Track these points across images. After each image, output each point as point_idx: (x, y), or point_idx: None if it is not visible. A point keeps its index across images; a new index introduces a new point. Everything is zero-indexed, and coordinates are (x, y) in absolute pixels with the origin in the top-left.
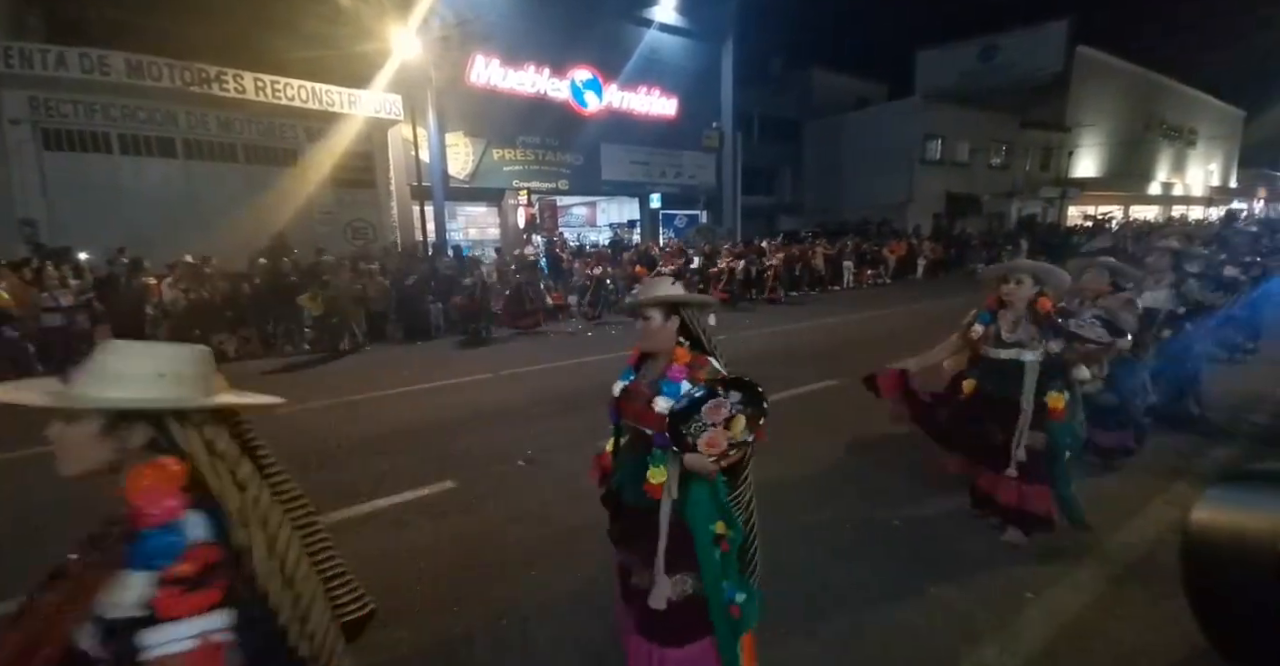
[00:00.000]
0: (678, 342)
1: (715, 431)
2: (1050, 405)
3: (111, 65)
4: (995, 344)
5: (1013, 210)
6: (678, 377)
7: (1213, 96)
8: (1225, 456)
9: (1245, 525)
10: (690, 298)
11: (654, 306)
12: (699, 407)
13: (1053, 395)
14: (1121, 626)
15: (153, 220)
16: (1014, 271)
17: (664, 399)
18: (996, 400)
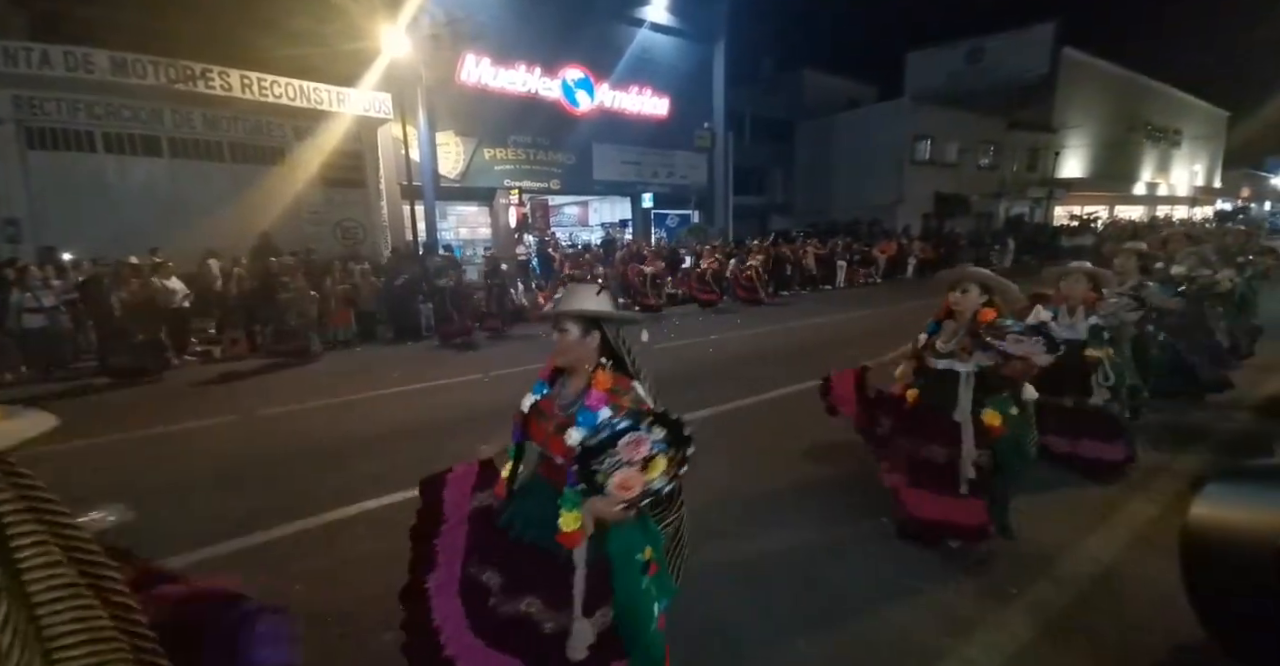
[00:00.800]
0: (599, 364)
1: (630, 472)
2: (987, 422)
3: (96, 63)
4: (934, 353)
5: (1000, 210)
6: (596, 405)
7: (1197, 97)
8: (1204, 459)
9: (1244, 521)
10: (612, 314)
11: (571, 320)
12: (616, 441)
13: (988, 412)
14: (1104, 621)
15: (138, 220)
16: (962, 280)
17: (578, 431)
18: (935, 412)
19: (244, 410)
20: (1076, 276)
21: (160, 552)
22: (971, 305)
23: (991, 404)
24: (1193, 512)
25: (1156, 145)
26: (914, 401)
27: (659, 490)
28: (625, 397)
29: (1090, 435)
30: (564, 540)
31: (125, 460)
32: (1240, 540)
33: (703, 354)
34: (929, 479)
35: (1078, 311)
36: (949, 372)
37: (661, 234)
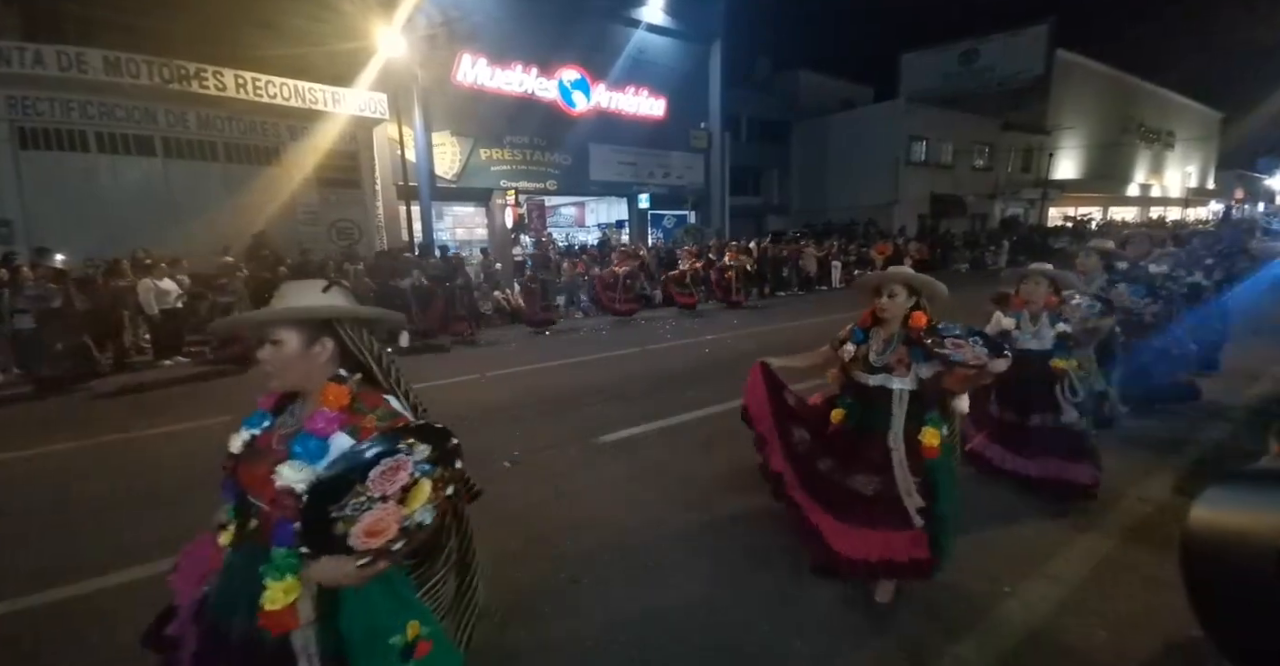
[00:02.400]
0: (338, 378)
1: (384, 510)
2: (925, 441)
3: (89, 62)
4: (864, 367)
5: (995, 211)
6: (326, 429)
7: (1191, 99)
8: (1196, 451)
9: (1246, 524)
10: (345, 310)
11: (285, 326)
12: (365, 475)
13: (927, 431)
14: (1096, 620)
15: (130, 220)
16: (887, 281)
17: (294, 465)
18: (863, 435)
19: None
20: (1036, 279)
21: (146, 555)
22: (899, 310)
23: (929, 422)
24: (1193, 515)
25: (1150, 146)
26: (839, 421)
27: (420, 523)
28: (370, 416)
29: (1056, 455)
30: (269, 623)
31: (116, 462)
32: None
33: (690, 355)
34: (858, 512)
35: (1040, 318)
36: (881, 389)
37: (658, 234)
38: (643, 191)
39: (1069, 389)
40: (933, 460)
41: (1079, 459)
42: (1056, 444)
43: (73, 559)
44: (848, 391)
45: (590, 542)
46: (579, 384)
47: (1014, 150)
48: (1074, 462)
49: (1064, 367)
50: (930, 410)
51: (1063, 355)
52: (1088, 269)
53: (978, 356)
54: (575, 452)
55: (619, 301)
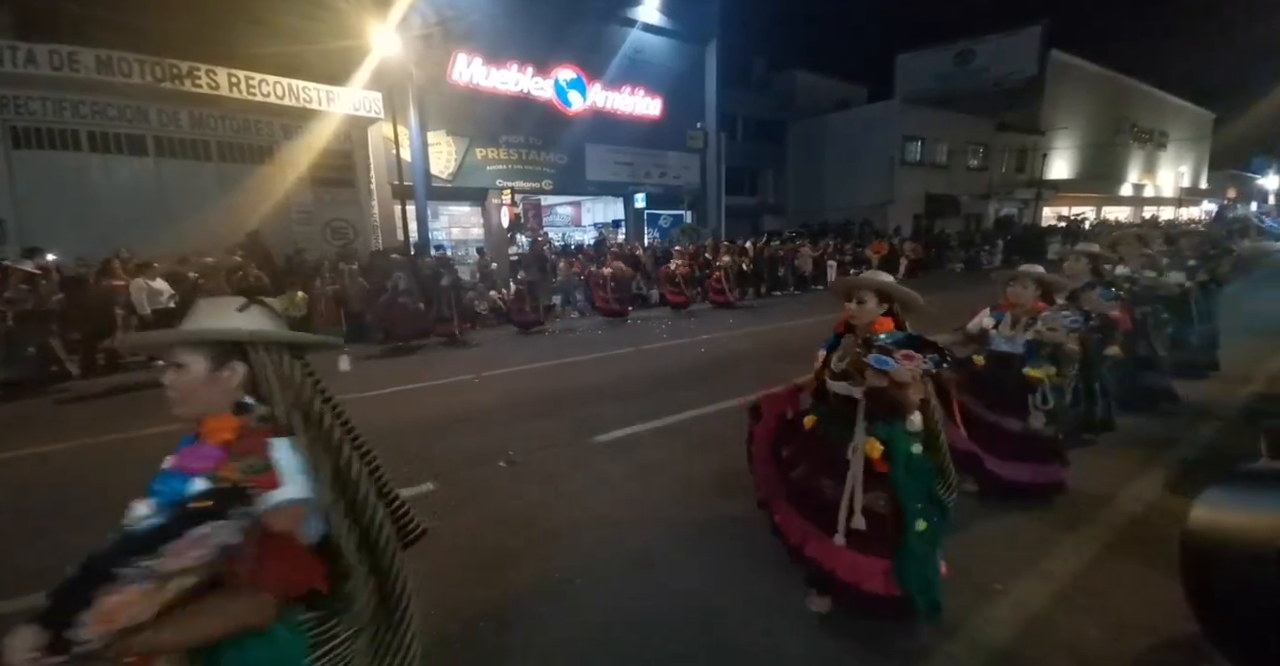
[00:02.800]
0: (238, 407)
1: (139, 590)
2: (866, 452)
3: (81, 61)
4: (830, 374)
5: (990, 211)
6: (193, 467)
7: (1183, 99)
8: (1188, 451)
9: (1245, 524)
10: (258, 334)
11: (189, 347)
12: (165, 541)
13: (869, 441)
14: (1088, 617)
15: (123, 219)
16: (857, 287)
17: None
18: (831, 444)
19: None
20: (1024, 281)
21: None
22: (868, 317)
23: (875, 433)
24: (1193, 515)
25: (1143, 147)
26: (811, 428)
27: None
28: (240, 463)
29: (1028, 459)
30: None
31: (106, 464)
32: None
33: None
34: (826, 524)
35: (1021, 322)
36: (846, 398)
37: (654, 234)
38: (639, 191)
39: (1040, 397)
40: (902, 484)
41: (1046, 461)
42: (1024, 449)
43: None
44: (821, 398)
45: (587, 542)
46: (574, 384)
47: (1008, 150)
48: (1041, 465)
49: (1038, 377)
50: (880, 421)
51: (1035, 363)
52: (1075, 273)
53: (910, 354)
54: (571, 452)
55: (610, 301)
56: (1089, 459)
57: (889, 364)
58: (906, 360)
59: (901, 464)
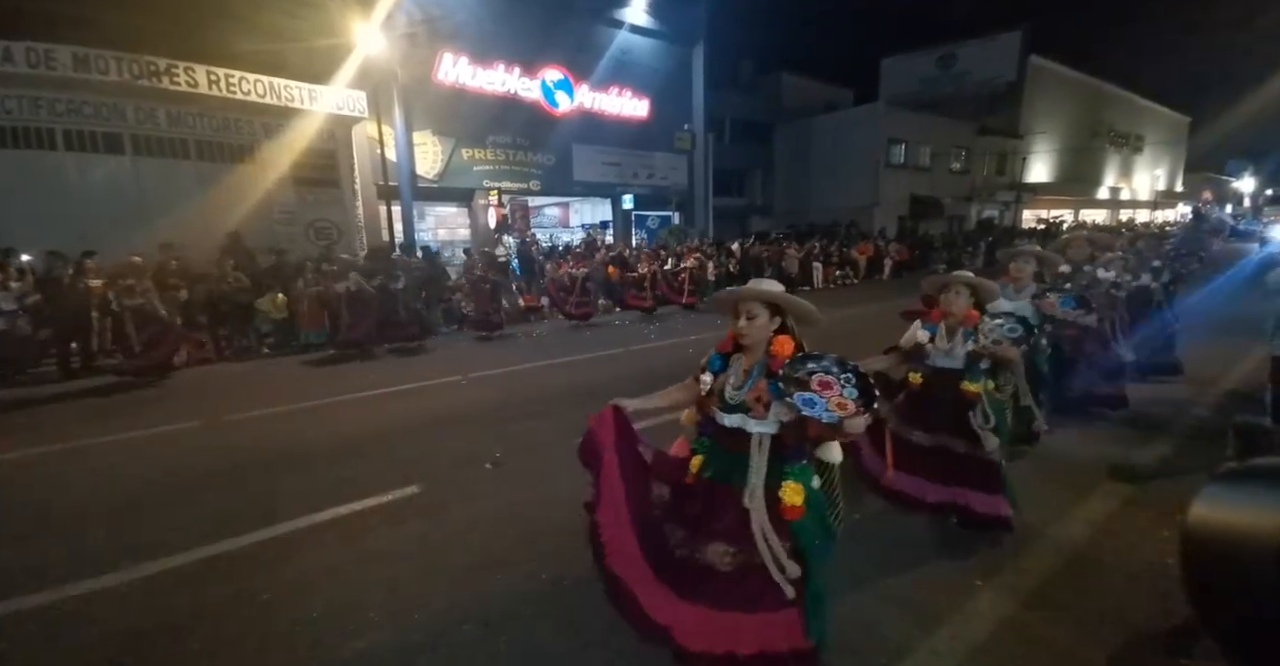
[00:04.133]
0: None
1: None
2: (784, 499)
3: (58, 59)
4: (721, 404)
5: (972, 213)
6: None
7: (1159, 104)
8: (1166, 450)
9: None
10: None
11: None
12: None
13: (788, 486)
14: (1064, 613)
15: (99, 219)
16: (744, 299)
17: None
18: (718, 488)
19: (209, 415)
20: (957, 288)
21: (122, 562)
22: (760, 334)
23: (791, 475)
24: (1192, 512)
25: (1119, 150)
26: (697, 470)
27: None
28: None
29: (969, 485)
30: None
31: (89, 467)
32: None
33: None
34: (716, 592)
35: (957, 334)
36: (738, 432)
37: (642, 235)
38: (627, 192)
39: (981, 415)
40: (798, 522)
41: (993, 491)
42: (967, 472)
43: (39, 566)
44: (706, 432)
45: (574, 544)
46: (561, 384)
47: (989, 154)
48: (988, 494)
49: (976, 391)
50: (794, 461)
51: (975, 377)
52: (1021, 276)
53: (842, 404)
54: (558, 453)
55: (572, 305)
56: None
57: (820, 409)
58: (823, 389)
59: (809, 505)
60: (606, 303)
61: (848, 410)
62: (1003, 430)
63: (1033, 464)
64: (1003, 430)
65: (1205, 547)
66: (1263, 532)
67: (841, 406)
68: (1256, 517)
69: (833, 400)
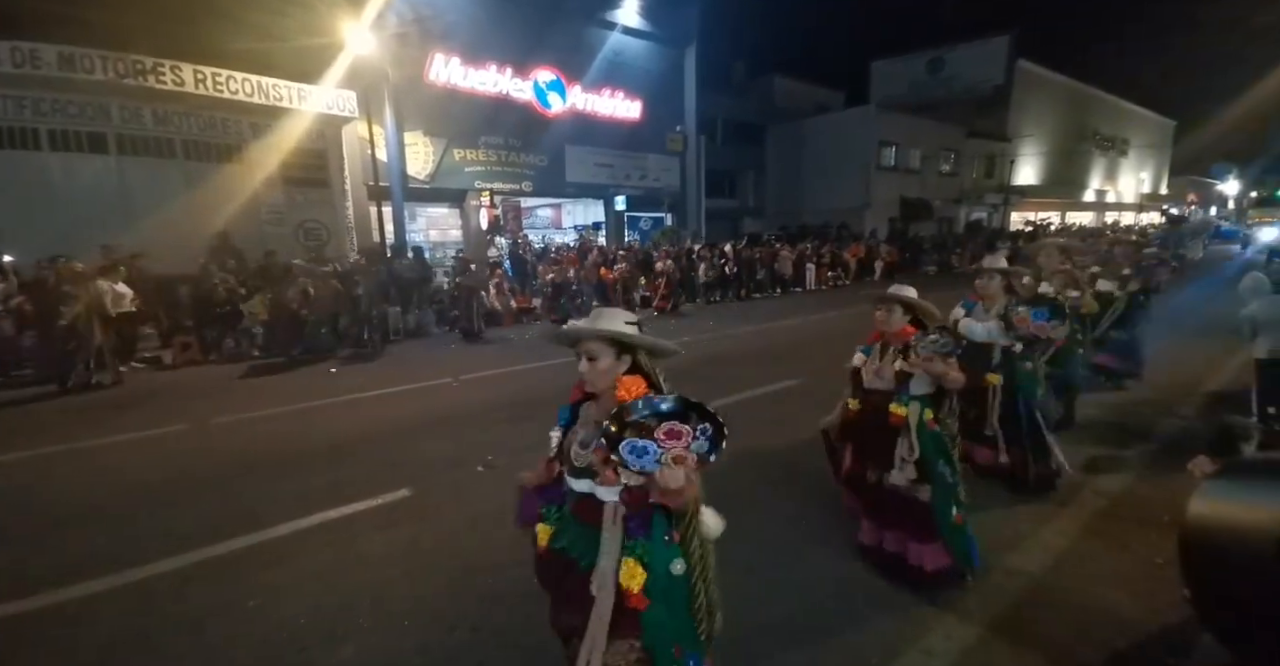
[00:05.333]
0: None
1: None
2: (623, 584)
3: (43, 58)
4: (568, 465)
5: (961, 215)
6: None
7: (1144, 108)
8: (1152, 449)
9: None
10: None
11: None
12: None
13: (628, 564)
14: (1055, 611)
15: (84, 219)
16: (581, 340)
17: None
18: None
19: (196, 418)
20: (889, 306)
21: (106, 568)
22: (603, 380)
23: (634, 552)
24: (1191, 508)
25: (1105, 154)
26: (544, 546)
27: None
28: None
29: (899, 527)
30: None
31: (72, 471)
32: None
33: None
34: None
35: (889, 353)
36: (588, 500)
37: (635, 236)
38: (619, 193)
39: (906, 445)
40: (647, 615)
41: (924, 538)
42: (898, 512)
43: (21, 572)
44: (549, 498)
45: None
46: (553, 386)
47: (978, 156)
48: (921, 541)
49: (901, 415)
50: (637, 533)
51: (903, 399)
52: (988, 293)
53: (680, 457)
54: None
55: (547, 309)
56: None
57: (649, 459)
58: (668, 439)
59: (660, 594)
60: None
61: (682, 464)
62: (934, 466)
63: None
64: (934, 466)
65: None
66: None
67: (678, 460)
68: (1254, 513)
69: (672, 451)
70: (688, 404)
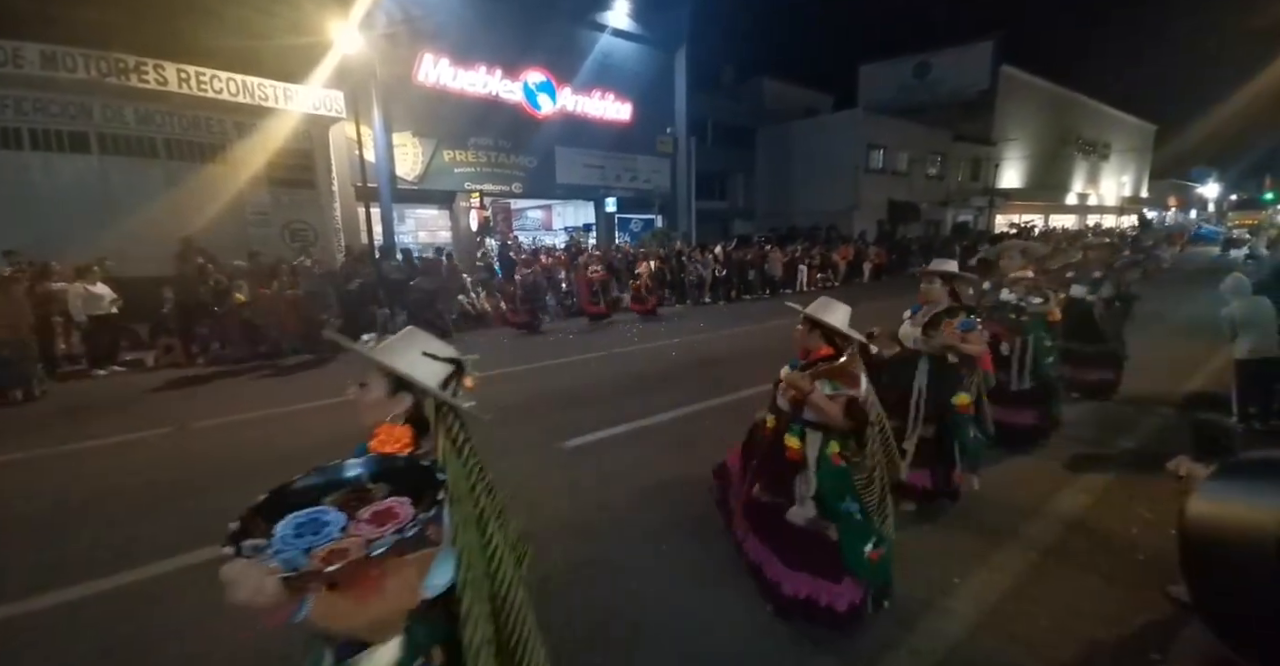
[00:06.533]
0: None
1: None
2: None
3: (25, 57)
4: None
5: (948, 217)
6: None
7: (1126, 112)
8: (1133, 447)
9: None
10: None
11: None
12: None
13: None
14: (1039, 607)
15: (64, 220)
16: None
17: None
18: None
19: (178, 421)
20: (805, 326)
21: (85, 575)
22: (372, 412)
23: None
24: (1191, 506)
25: (1087, 157)
26: None
27: None
28: None
29: (810, 568)
30: None
31: (52, 474)
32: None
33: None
34: None
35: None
36: None
37: (625, 238)
38: (610, 195)
39: (803, 481)
40: None
41: (830, 575)
42: (801, 547)
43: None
44: None
45: (555, 548)
46: (541, 389)
47: (963, 160)
48: (832, 581)
49: (796, 448)
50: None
51: (796, 430)
52: (931, 297)
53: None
54: (540, 458)
55: (513, 313)
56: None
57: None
58: (374, 521)
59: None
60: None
61: (341, 559)
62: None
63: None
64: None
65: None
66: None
67: (335, 555)
68: (1254, 511)
69: (338, 542)
70: (417, 469)
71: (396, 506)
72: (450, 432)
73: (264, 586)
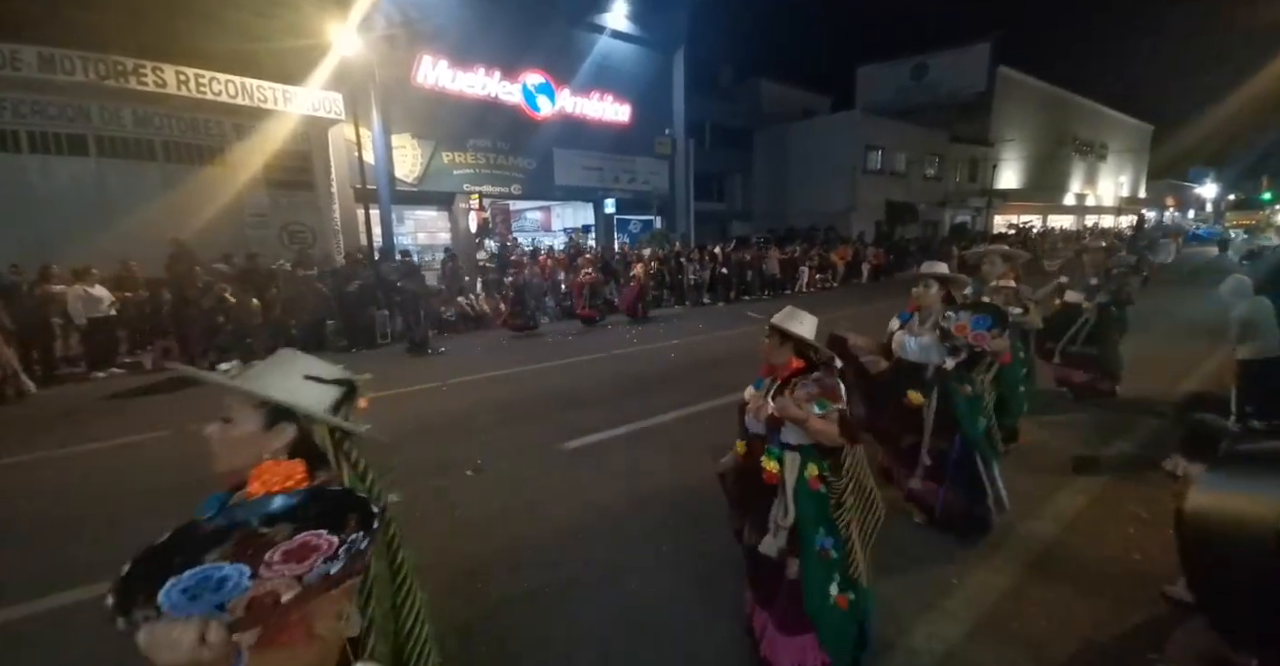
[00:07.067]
0: None
1: None
2: None
3: (23, 59)
4: None
5: (946, 218)
6: None
7: (1123, 113)
8: (1129, 448)
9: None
10: None
11: None
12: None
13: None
14: (1037, 608)
15: (62, 223)
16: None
17: None
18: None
19: (178, 424)
20: (773, 339)
21: (84, 579)
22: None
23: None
24: (1191, 498)
25: (1085, 158)
26: None
27: None
28: None
29: (774, 606)
30: None
31: (51, 478)
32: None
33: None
34: None
35: (770, 388)
36: None
37: (624, 239)
38: (608, 196)
39: (780, 507)
40: None
41: (791, 629)
42: (767, 588)
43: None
44: None
45: (554, 550)
46: (541, 390)
47: (961, 160)
48: (788, 634)
49: (773, 472)
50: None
51: (774, 452)
52: (925, 303)
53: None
54: (539, 459)
55: (509, 314)
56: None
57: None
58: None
59: None
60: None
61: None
62: (809, 536)
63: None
64: (809, 536)
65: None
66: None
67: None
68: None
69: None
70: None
71: (313, 539)
72: (350, 459)
73: (209, 636)
